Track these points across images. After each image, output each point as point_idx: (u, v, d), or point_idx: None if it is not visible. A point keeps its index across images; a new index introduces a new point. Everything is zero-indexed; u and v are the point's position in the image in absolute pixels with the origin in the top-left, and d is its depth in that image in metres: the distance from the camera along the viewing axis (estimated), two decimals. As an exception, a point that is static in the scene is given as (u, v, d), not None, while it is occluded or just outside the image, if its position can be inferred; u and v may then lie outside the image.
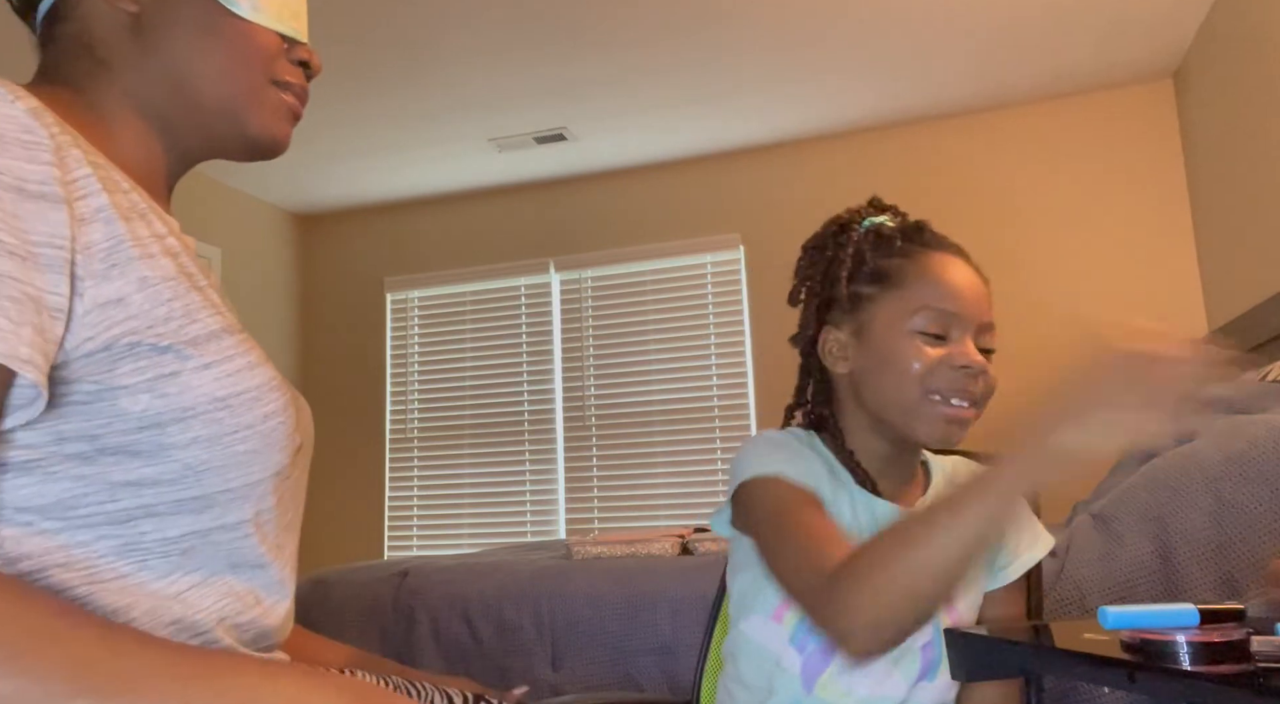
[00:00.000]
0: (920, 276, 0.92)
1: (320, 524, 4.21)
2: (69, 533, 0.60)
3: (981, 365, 0.88)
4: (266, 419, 0.67)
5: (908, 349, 0.89)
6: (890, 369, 0.91)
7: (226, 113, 0.74)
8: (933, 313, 0.90)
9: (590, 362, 4.03)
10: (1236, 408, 1.75)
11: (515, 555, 2.42)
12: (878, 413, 0.94)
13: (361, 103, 3.33)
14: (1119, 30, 3.00)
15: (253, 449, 0.66)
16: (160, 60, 0.72)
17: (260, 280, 4.26)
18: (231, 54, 0.73)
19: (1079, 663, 0.70)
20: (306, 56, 0.79)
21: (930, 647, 0.92)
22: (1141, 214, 3.37)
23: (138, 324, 0.61)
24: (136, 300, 0.61)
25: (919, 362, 0.89)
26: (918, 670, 0.92)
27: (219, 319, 0.66)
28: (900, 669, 0.92)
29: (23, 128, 0.58)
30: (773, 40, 3.01)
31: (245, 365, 0.66)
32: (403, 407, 4.28)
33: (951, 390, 0.88)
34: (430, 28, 2.85)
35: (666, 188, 4.01)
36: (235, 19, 0.73)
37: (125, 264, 0.61)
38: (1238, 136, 2.77)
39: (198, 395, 0.63)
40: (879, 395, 0.92)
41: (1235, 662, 0.59)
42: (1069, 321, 3.40)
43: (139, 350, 0.61)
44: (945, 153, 3.63)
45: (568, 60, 3.10)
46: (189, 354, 0.63)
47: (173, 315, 0.63)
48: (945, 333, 0.90)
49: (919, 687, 0.92)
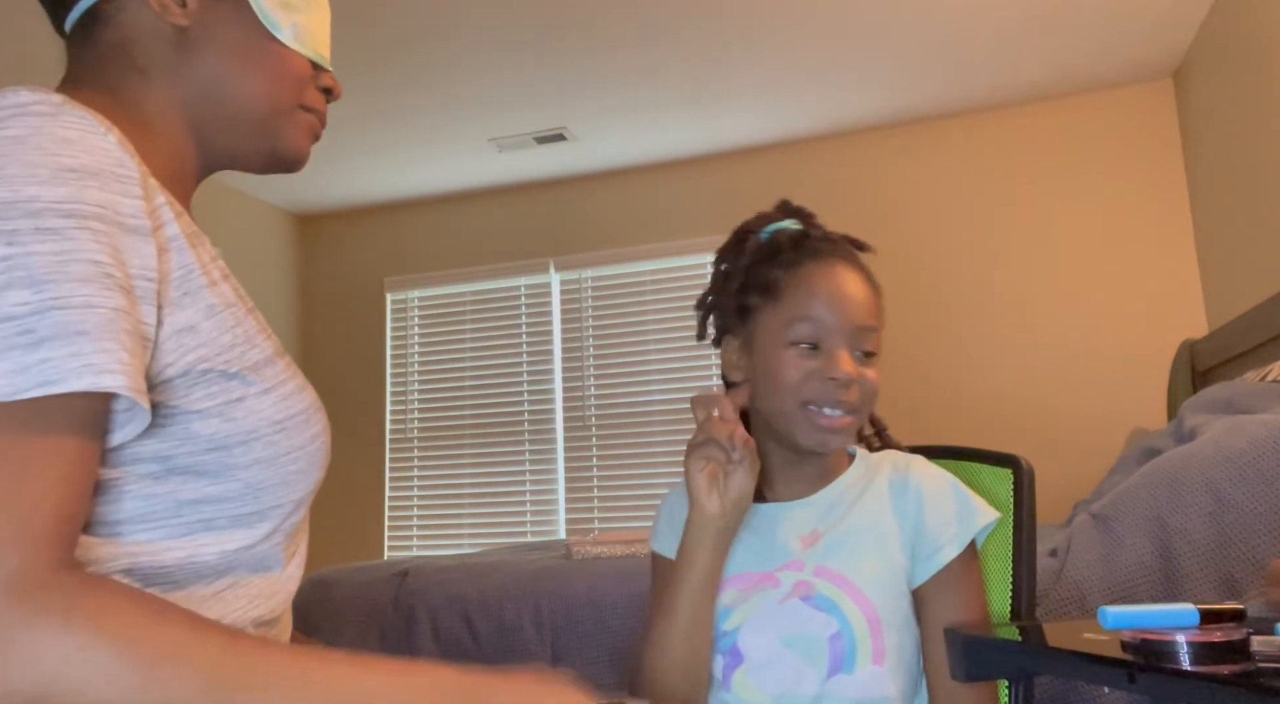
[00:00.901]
0: (796, 287, 0.95)
1: (320, 524, 4.20)
2: (135, 544, 0.62)
3: (848, 375, 0.91)
4: (314, 439, 0.71)
5: (784, 361, 0.93)
6: (770, 381, 0.95)
7: (259, 130, 0.77)
8: (806, 324, 0.93)
9: (590, 362, 4.02)
10: (1236, 408, 1.75)
11: (515, 555, 2.42)
12: (768, 421, 0.98)
13: (362, 103, 3.33)
14: (1119, 30, 3.00)
15: (301, 469, 0.70)
16: (201, 74, 0.74)
17: (260, 280, 4.26)
18: (270, 76, 0.76)
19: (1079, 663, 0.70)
20: (331, 84, 0.83)
21: (838, 638, 0.91)
22: (1141, 214, 3.37)
23: (208, 351, 0.64)
24: (206, 327, 0.64)
25: (793, 373, 0.93)
26: (828, 664, 0.91)
27: (271, 344, 0.70)
28: (809, 664, 0.91)
29: (116, 161, 0.60)
30: (773, 41, 3.01)
31: (295, 389, 0.71)
32: (403, 407, 4.28)
33: (824, 401, 0.92)
34: (430, 28, 2.85)
35: (666, 188, 4.01)
36: (277, 44, 0.76)
37: (195, 292, 0.64)
38: (1238, 136, 2.77)
39: (260, 419, 0.66)
40: (765, 405, 0.96)
41: (1235, 662, 0.59)
42: (1069, 321, 3.40)
43: (210, 376, 0.64)
44: (945, 153, 3.63)
45: (568, 60, 3.10)
46: (252, 380, 0.66)
47: (236, 342, 0.66)
48: (819, 342, 0.93)
49: (834, 681, 0.91)
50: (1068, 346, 3.38)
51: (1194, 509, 1.27)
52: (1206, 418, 1.71)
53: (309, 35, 0.78)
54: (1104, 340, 3.34)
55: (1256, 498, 1.24)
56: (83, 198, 0.57)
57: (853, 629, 0.91)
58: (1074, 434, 3.28)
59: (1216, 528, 1.25)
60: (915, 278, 3.57)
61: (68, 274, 0.54)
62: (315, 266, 4.53)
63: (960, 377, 3.48)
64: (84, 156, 0.58)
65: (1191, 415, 1.81)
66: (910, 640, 0.93)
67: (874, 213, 3.64)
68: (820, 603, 0.92)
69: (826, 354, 0.93)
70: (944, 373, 3.50)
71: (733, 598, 0.97)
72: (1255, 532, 1.23)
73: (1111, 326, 3.34)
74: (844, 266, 0.96)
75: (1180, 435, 1.73)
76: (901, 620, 0.93)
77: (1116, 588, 1.28)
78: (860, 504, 0.97)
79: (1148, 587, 1.27)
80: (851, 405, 0.92)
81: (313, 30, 0.79)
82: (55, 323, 0.53)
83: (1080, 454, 3.19)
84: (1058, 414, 3.33)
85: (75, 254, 0.55)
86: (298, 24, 0.77)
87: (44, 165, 0.56)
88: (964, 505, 0.95)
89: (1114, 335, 3.33)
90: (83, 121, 0.59)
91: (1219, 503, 1.26)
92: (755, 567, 0.97)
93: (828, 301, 0.93)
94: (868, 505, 0.97)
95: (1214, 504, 1.26)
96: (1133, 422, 3.20)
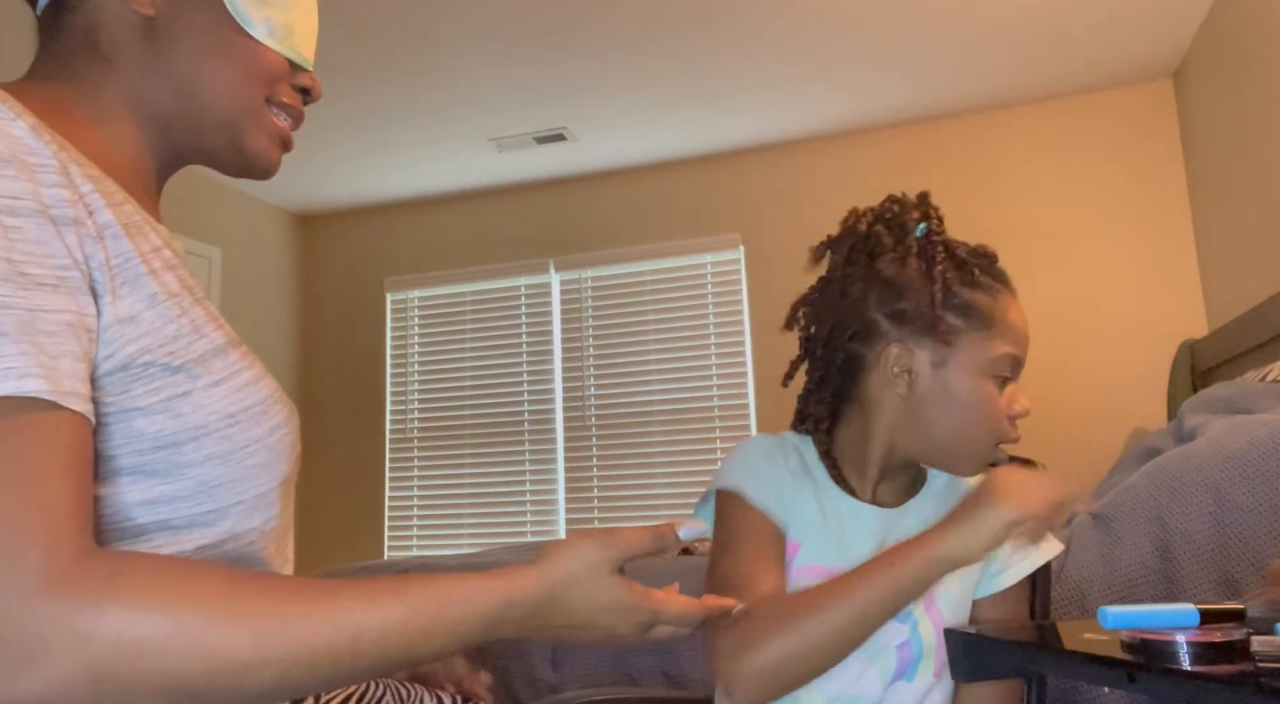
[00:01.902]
0: (1003, 318, 0.91)
1: (320, 524, 4.20)
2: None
3: (1026, 411, 0.91)
4: (273, 431, 0.68)
5: (989, 394, 0.89)
6: (963, 410, 0.90)
7: (224, 127, 0.75)
8: (1009, 360, 0.90)
9: (590, 362, 4.02)
10: (1236, 408, 1.75)
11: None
12: (917, 442, 0.93)
13: (362, 103, 3.33)
14: (1119, 30, 3.00)
15: (262, 462, 0.67)
16: (167, 67, 0.72)
17: (260, 280, 4.26)
18: (239, 72, 0.74)
19: (1079, 663, 0.70)
20: (309, 84, 0.80)
21: (906, 646, 0.91)
22: (1141, 214, 3.37)
23: (150, 342, 0.61)
24: (147, 317, 0.61)
25: (997, 408, 0.89)
26: (893, 670, 0.91)
27: (222, 333, 0.67)
28: (876, 668, 0.91)
29: (29, 150, 0.58)
30: (773, 40, 3.01)
31: (250, 379, 0.67)
32: (403, 407, 4.27)
33: (1011, 437, 0.91)
34: (430, 27, 2.85)
35: (666, 188, 4.01)
36: (248, 39, 0.74)
37: (134, 281, 0.61)
38: (1238, 136, 2.77)
39: (209, 413, 0.63)
40: (936, 428, 0.91)
41: (1235, 662, 0.59)
42: (1069, 321, 3.40)
43: (152, 370, 0.61)
44: (945, 153, 3.63)
45: (568, 60, 3.10)
46: (199, 372, 0.63)
47: (181, 332, 0.63)
48: (1013, 377, 0.91)
49: (895, 687, 0.91)
50: (1068, 346, 3.38)
51: (1194, 509, 1.27)
52: (1206, 418, 1.71)
53: (286, 32, 0.76)
54: (1104, 340, 3.34)
55: (1257, 498, 1.24)
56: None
57: (922, 640, 0.91)
58: (1074, 434, 3.28)
59: (1216, 528, 1.25)
60: (915, 278, 3.56)
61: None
62: (315, 266, 4.53)
63: (960, 377, 3.48)
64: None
65: (1191, 415, 1.81)
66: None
67: (874, 213, 3.64)
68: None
69: (1012, 390, 0.91)
70: (944, 373, 3.50)
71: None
72: (1255, 532, 1.23)
73: (1111, 327, 3.34)
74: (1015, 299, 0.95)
75: (1180, 435, 1.73)
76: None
77: (1116, 588, 1.28)
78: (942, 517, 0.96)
79: (1148, 587, 1.27)
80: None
81: (291, 27, 0.76)
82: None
83: (1080, 454, 3.18)
84: (1058, 414, 3.33)
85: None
86: (272, 20, 0.75)
87: None
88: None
89: (1114, 335, 3.33)
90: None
91: (1219, 503, 1.26)
92: (834, 561, 0.93)
93: (1024, 338, 0.92)
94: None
95: (1214, 504, 1.26)
96: (1133, 422, 3.20)
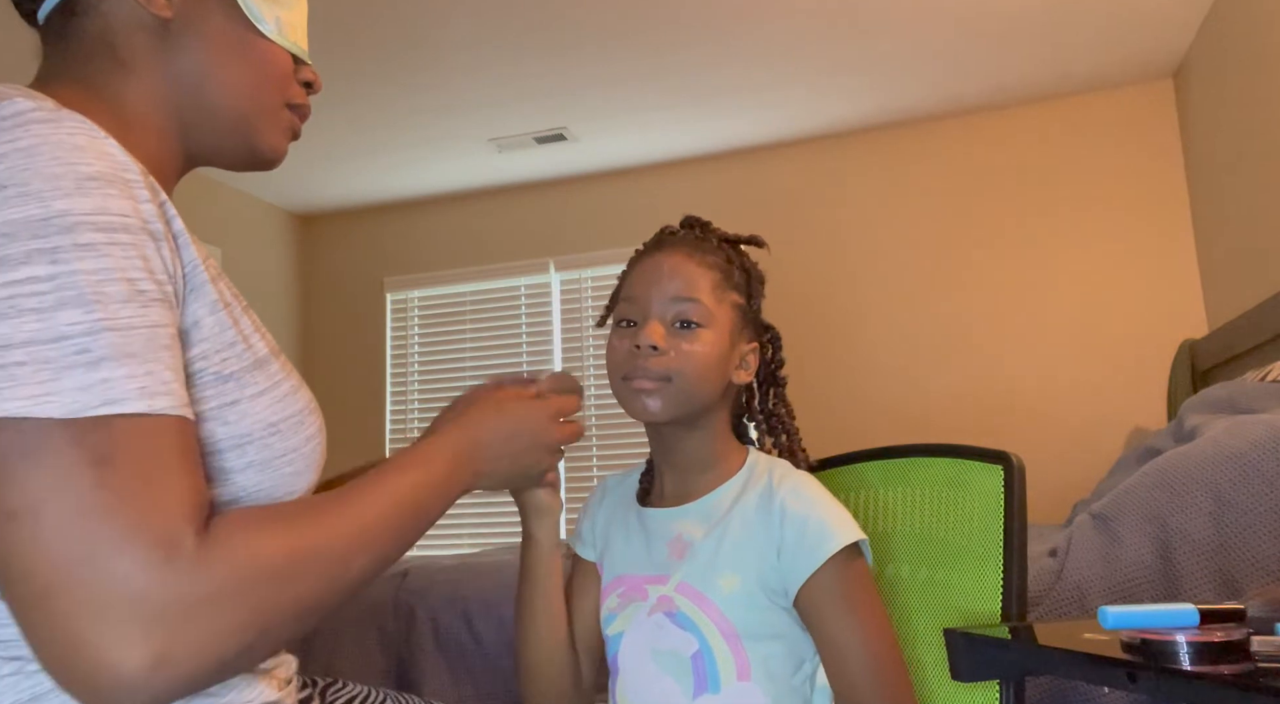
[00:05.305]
0: (624, 277, 1.02)
1: (320, 524, 4.20)
2: None
3: (648, 340, 0.93)
4: (308, 441, 0.69)
5: (609, 344, 0.99)
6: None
7: (240, 126, 0.75)
8: (620, 305, 0.99)
9: (590, 362, 4.02)
10: (1237, 408, 1.75)
11: (515, 555, 2.41)
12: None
13: (361, 103, 3.33)
14: (1119, 30, 3.00)
15: (296, 470, 0.68)
16: (183, 67, 0.72)
17: (260, 280, 4.26)
18: (253, 71, 0.75)
19: (1079, 663, 0.70)
20: (311, 77, 0.81)
21: (700, 657, 0.90)
22: (1141, 214, 3.37)
23: (208, 347, 0.63)
24: (208, 324, 0.63)
25: (612, 352, 0.98)
26: (693, 683, 0.89)
27: (265, 344, 0.69)
28: (677, 681, 0.90)
29: (123, 166, 0.58)
30: (773, 41, 3.00)
31: (290, 390, 0.69)
32: (403, 407, 4.27)
33: (632, 370, 0.94)
34: (430, 27, 2.85)
35: (666, 188, 4.01)
36: (260, 37, 0.74)
37: (199, 288, 0.63)
38: (1238, 136, 2.77)
39: (254, 422, 0.64)
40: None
41: (1235, 662, 0.59)
42: (1069, 321, 3.40)
43: (205, 378, 0.62)
44: (945, 153, 3.63)
45: (568, 60, 3.10)
46: (247, 381, 0.65)
47: (234, 341, 0.65)
48: (633, 320, 0.97)
49: (701, 700, 0.89)
50: (1068, 346, 3.38)
51: (1194, 509, 1.27)
52: (1206, 418, 1.71)
53: (290, 28, 0.77)
54: (1104, 340, 3.34)
55: (1257, 498, 1.24)
56: (109, 208, 0.56)
57: (712, 648, 0.89)
58: (1074, 434, 3.28)
59: (1216, 528, 1.25)
60: (916, 277, 3.56)
61: (109, 295, 0.54)
62: (315, 266, 4.53)
63: (960, 376, 3.48)
64: (98, 163, 0.57)
65: (1191, 415, 1.81)
66: (782, 649, 0.90)
67: (875, 212, 3.64)
68: (681, 620, 0.91)
69: (638, 328, 0.96)
70: (944, 372, 3.50)
71: (615, 603, 0.98)
72: (1255, 532, 1.23)
73: (1111, 327, 3.34)
74: (669, 250, 0.99)
75: (1180, 435, 1.73)
76: (771, 631, 0.90)
77: (1116, 588, 1.28)
78: (730, 516, 0.94)
79: (1148, 587, 1.27)
80: (659, 373, 0.92)
81: (293, 24, 0.78)
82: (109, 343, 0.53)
83: (1080, 454, 3.18)
84: (1058, 414, 3.33)
85: (112, 272, 0.55)
86: (280, 18, 0.75)
87: (65, 176, 0.55)
88: (819, 526, 0.89)
89: (1114, 335, 3.33)
90: (83, 125, 0.58)
91: (1219, 503, 1.26)
92: (634, 570, 0.98)
93: (634, 281, 0.98)
94: (737, 518, 0.93)
95: (1214, 504, 1.26)
96: (1133, 422, 3.20)
